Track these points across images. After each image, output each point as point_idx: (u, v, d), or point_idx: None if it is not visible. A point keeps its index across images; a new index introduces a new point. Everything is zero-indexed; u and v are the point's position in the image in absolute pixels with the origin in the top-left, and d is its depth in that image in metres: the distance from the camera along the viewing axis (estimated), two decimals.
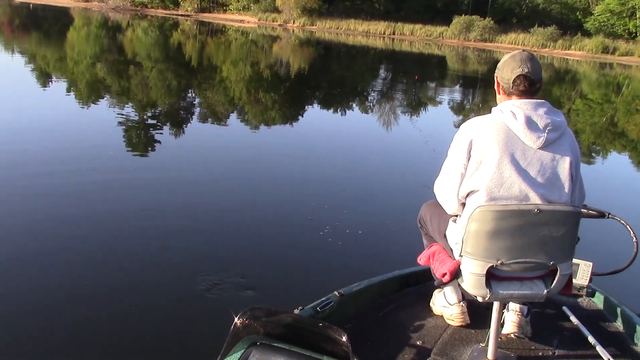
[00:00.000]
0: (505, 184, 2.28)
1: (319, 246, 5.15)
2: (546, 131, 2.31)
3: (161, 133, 9.41)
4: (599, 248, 4.96)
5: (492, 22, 49.66)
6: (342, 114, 13.99)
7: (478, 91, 22.73)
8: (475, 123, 2.40)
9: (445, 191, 2.48)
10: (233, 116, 12.07)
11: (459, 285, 2.47)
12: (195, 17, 55.03)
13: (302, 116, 13.22)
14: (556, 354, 2.72)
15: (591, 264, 3.13)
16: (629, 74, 35.43)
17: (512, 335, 2.79)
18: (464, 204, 2.44)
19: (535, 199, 2.27)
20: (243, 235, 5.24)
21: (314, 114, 13.50)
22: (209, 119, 11.33)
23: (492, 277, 2.33)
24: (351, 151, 9.44)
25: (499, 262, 2.27)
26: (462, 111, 16.50)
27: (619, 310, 3.12)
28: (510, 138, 2.31)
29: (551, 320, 3.05)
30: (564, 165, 2.33)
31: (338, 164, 8.36)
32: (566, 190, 2.33)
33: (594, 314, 3.18)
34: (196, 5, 58.46)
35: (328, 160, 8.58)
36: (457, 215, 2.53)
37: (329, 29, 52.65)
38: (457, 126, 10.49)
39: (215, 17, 55.97)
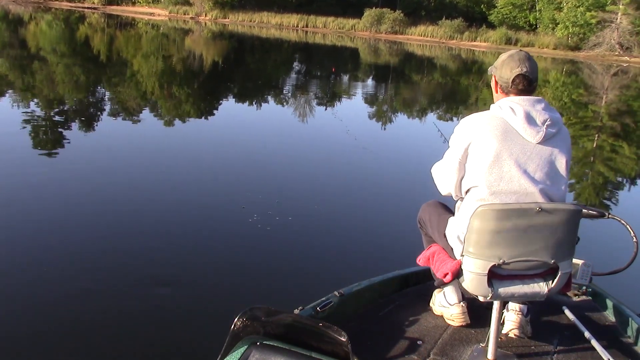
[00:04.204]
0: (504, 178, 2.31)
1: (319, 246, 5.18)
2: (545, 126, 2.34)
3: (83, 130, 9.11)
4: (599, 248, 5.06)
5: (402, 14, 50.67)
6: (325, 107, 14.02)
7: (391, 83, 23.25)
8: (475, 120, 2.43)
9: (442, 174, 2.54)
10: (203, 114, 11.84)
11: (459, 285, 2.48)
12: (102, 9, 53.05)
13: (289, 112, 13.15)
14: (556, 353, 2.71)
15: (591, 264, 3.08)
16: None
17: (512, 335, 2.78)
18: (462, 199, 2.48)
19: (534, 192, 2.31)
20: (243, 235, 5.20)
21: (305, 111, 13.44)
22: (144, 115, 11.05)
23: (493, 276, 2.34)
24: (349, 150, 9.43)
25: (500, 261, 2.28)
26: (377, 101, 16.86)
27: (618, 310, 3.12)
28: (509, 133, 2.34)
29: (551, 320, 3.04)
30: (561, 160, 2.37)
31: (337, 164, 8.39)
32: (563, 184, 2.38)
33: (593, 314, 3.18)
34: None
35: (325, 159, 8.59)
36: (454, 215, 2.60)
37: (241, 22, 52.13)
38: (374, 116, 10.62)
39: (124, 10, 54.16)
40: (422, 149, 10.36)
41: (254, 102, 14.50)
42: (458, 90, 22.32)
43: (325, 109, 14.29)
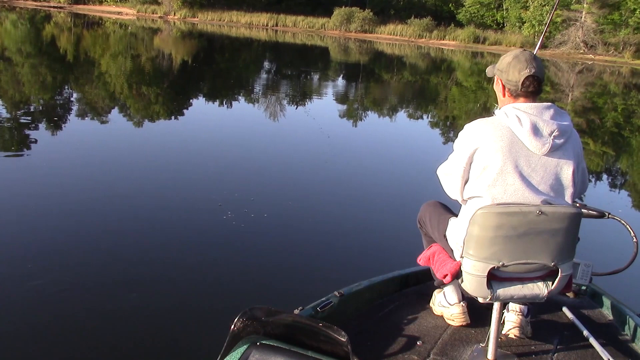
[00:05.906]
0: (508, 190, 2.27)
1: (318, 246, 5.18)
2: (551, 137, 2.28)
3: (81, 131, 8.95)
4: (599, 248, 5.11)
5: (371, 13, 50.92)
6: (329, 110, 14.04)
7: (361, 82, 23.35)
8: (480, 127, 2.36)
9: (448, 179, 2.48)
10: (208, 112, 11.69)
11: (459, 284, 2.46)
12: (69, 9, 52.14)
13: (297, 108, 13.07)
14: (556, 354, 2.70)
15: (591, 264, 3.07)
16: None
17: (512, 335, 2.77)
18: (465, 202, 2.46)
19: (537, 204, 2.26)
20: (243, 236, 5.17)
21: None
22: (147, 118, 10.90)
23: (493, 277, 2.33)
24: (351, 151, 9.43)
25: (500, 263, 2.27)
26: (348, 99, 16.93)
27: (618, 310, 3.12)
28: (515, 144, 2.28)
29: (551, 320, 3.04)
30: (567, 172, 2.32)
31: (336, 164, 8.38)
32: (569, 196, 2.33)
33: (594, 314, 3.17)
34: None
35: (326, 160, 8.56)
36: (456, 216, 2.58)
37: (211, 21, 51.80)
38: (372, 115, 10.70)
39: (91, 9, 53.36)
40: (422, 148, 10.52)
41: (225, 102, 14.41)
42: (427, 88, 22.52)
43: (312, 109, 14.30)
